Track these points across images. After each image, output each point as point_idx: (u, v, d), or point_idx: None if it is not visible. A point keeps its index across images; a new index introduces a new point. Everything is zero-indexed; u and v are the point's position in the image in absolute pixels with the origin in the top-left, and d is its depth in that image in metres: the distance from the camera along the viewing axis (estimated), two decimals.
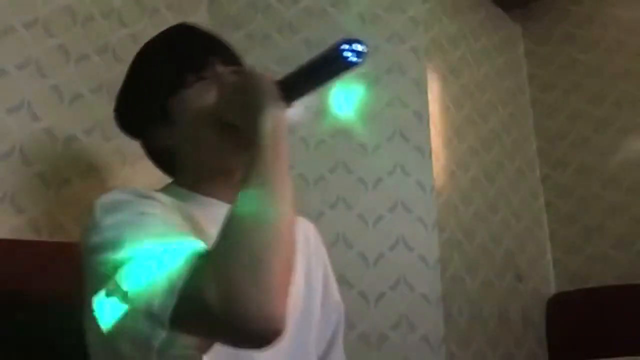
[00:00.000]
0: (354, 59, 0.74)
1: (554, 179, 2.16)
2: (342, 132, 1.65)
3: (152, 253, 0.65)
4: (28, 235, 1.14)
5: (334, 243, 1.54)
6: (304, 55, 0.87)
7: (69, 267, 0.81)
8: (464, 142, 1.86)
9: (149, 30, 1.55)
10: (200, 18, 1.71)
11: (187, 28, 0.95)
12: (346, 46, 0.74)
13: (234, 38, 0.90)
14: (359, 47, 0.74)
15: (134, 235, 0.68)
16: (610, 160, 2.04)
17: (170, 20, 1.63)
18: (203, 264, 0.63)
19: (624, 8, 2.14)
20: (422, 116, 1.69)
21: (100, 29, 1.42)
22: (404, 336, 1.49)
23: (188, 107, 0.84)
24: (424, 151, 1.65)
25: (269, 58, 1.67)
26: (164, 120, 0.86)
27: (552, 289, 2.04)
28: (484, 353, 1.66)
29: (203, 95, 0.84)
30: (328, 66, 0.77)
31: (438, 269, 1.55)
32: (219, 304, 0.59)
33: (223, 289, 0.60)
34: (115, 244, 0.68)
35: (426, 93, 1.72)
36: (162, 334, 0.62)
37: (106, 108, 1.36)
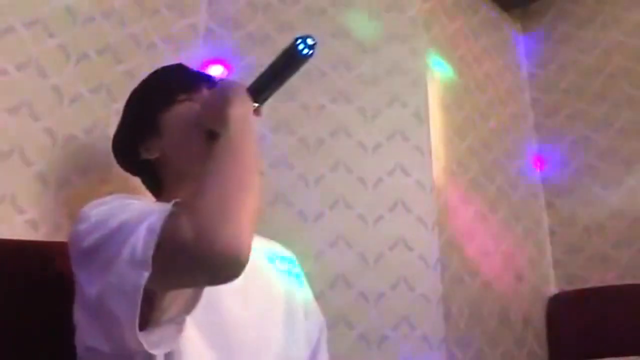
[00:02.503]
0: (310, 52, 0.87)
1: (554, 179, 2.16)
2: (342, 132, 1.65)
3: (136, 218, 0.72)
4: (28, 235, 1.14)
5: (334, 243, 1.54)
6: None
7: (69, 267, 0.81)
8: (464, 142, 1.86)
9: (149, 30, 1.55)
10: (200, 18, 1.71)
11: (180, 64, 1.09)
12: (301, 42, 0.86)
13: (234, 38, 0.92)
14: (310, 41, 0.87)
15: (120, 215, 0.74)
16: (610, 160, 2.04)
17: (170, 20, 1.62)
18: (178, 208, 0.71)
19: (624, 8, 2.14)
20: (422, 116, 1.68)
21: (100, 29, 1.42)
22: (404, 336, 1.49)
23: (177, 119, 0.96)
24: (424, 151, 1.65)
25: (269, 58, 1.67)
26: (154, 133, 0.98)
27: (552, 289, 2.04)
28: (484, 353, 1.66)
29: (190, 110, 0.95)
30: (289, 63, 0.89)
31: (438, 269, 1.55)
32: (192, 235, 0.67)
33: (196, 223, 0.67)
34: (102, 224, 0.75)
35: (426, 93, 1.72)
36: (146, 275, 0.67)
37: (106, 108, 1.37)
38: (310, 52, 0.87)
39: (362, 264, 1.54)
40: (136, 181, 1.12)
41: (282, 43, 0.93)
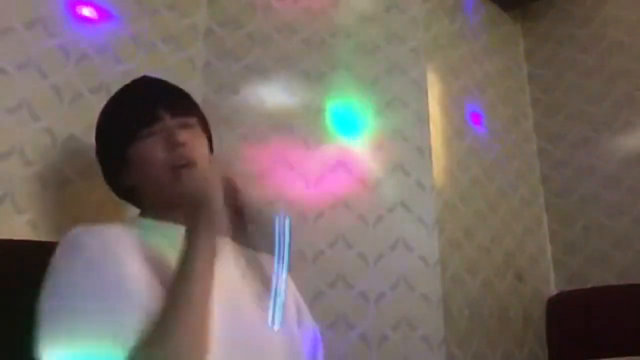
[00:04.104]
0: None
1: (554, 178, 2.16)
2: (342, 132, 1.65)
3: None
4: (28, 235, 1.14)
5: (334, 243, 1.54)
6: (305, 55, 0.88)
7: None
8: (463, 142, 1.86)
9: (149, 30, 1.55)
10: (200, 18, 1.71)
11: (142, 84, 1.09)
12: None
13: (234, 38, 0.91)
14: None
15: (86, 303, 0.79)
16: (610, 160, 2.04)
17: (170, 20, 1.62)
18: (145, 344, 0.75)
19: (624, 8, 2.14)
20: (422, 116, 1.68)
21: (100, 29, 1.42)
22: (404, 336, 1.49)
23: (141, 157, 0.99)
24: (424, 151, 1.65)
25: (269, 58, 1.67)
26: (123, 165, 1.02)
27: (552, 289, 2.04)
28: (484, 353, 1.66)
29: (153, 149, 0.98)
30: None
31: (438, 269, 1.55)
32: None
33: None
34: (69, 292, 0.81)
35: (426, 93, 1.72)
36: None
37: None
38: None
39: (362, 264, 1.54)
40: None
41: (282, 43, 0.92)
